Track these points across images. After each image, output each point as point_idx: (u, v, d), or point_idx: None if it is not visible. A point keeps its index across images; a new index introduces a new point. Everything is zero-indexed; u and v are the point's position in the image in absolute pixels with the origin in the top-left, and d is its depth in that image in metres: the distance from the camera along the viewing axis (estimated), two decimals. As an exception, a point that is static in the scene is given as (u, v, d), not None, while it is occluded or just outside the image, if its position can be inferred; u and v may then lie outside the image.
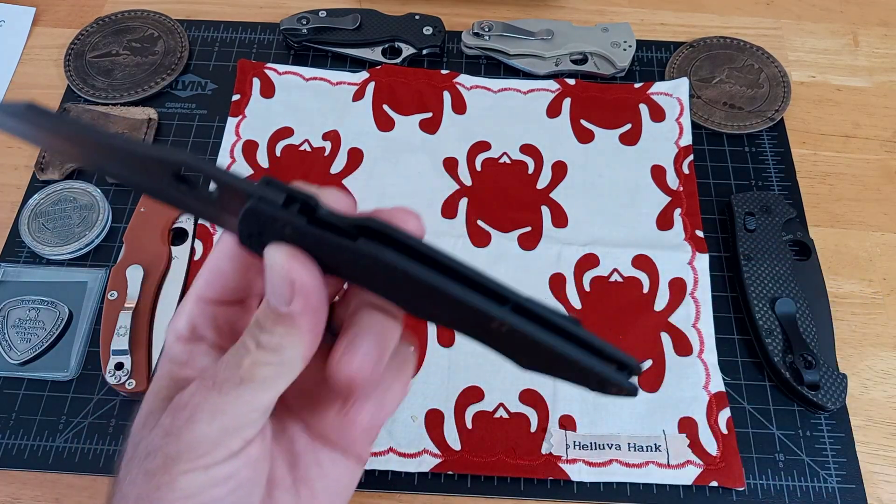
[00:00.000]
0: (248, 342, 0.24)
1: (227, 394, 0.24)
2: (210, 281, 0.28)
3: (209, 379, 0.25)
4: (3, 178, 0.54)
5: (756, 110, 0.57)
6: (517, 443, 0.44)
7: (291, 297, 0.23)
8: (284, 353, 0.24)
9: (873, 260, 0.51)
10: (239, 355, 0.24)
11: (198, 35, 0.61)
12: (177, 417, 0.25)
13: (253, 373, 0.24)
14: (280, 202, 0.22)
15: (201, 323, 0.28)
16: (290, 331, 0.24)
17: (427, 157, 0.54)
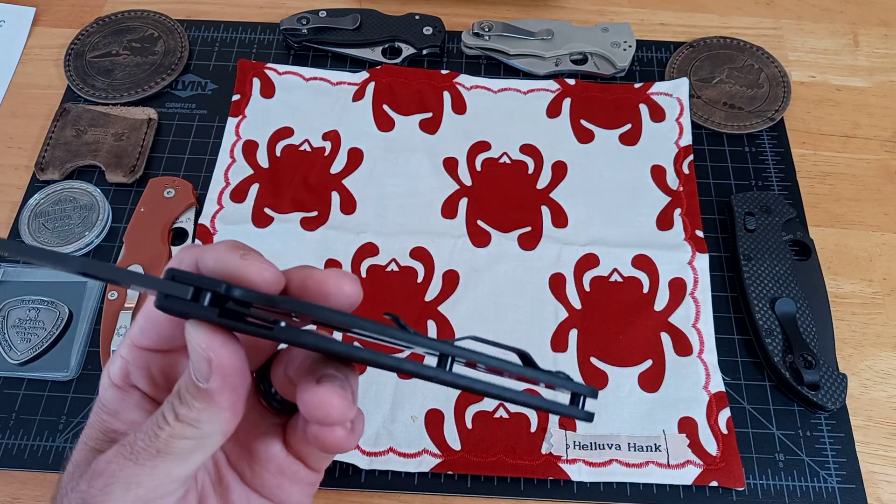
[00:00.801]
0: (167, 414, 0.24)
1: (142, 465, 0.24)
2: (144, 328, 0.27)
3: (127, 446, 0.24)
4: (3, 178, 0.54)
5: (756, 110, 0.57)
6: (517, 443, 0.44)
7: (209, 375, 0.23)
8: (202, 428, 0.24)
9: (873, 260, 0.51)
10: (157, 426, 0.24)
11: (198, 35, 0.61)
12: (92, 485, 0.24)
13: (170, 445, 0.24)
14: (188, 297, 0.21)
15: (134, 371, 0.27)
16: (209, 406, 0.23)
17: (427, 157, 0.54)
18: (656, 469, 0.43)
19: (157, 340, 0.27)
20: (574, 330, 0.48)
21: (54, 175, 0.53)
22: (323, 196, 0.52)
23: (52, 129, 0.55)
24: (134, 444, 0.24)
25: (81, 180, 0.53)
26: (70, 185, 0.52)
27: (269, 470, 0.28)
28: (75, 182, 0.52)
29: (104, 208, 0.51)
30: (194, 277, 0.22)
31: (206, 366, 0.23)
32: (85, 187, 0.52)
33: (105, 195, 0.52)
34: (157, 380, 0.28)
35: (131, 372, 0.27)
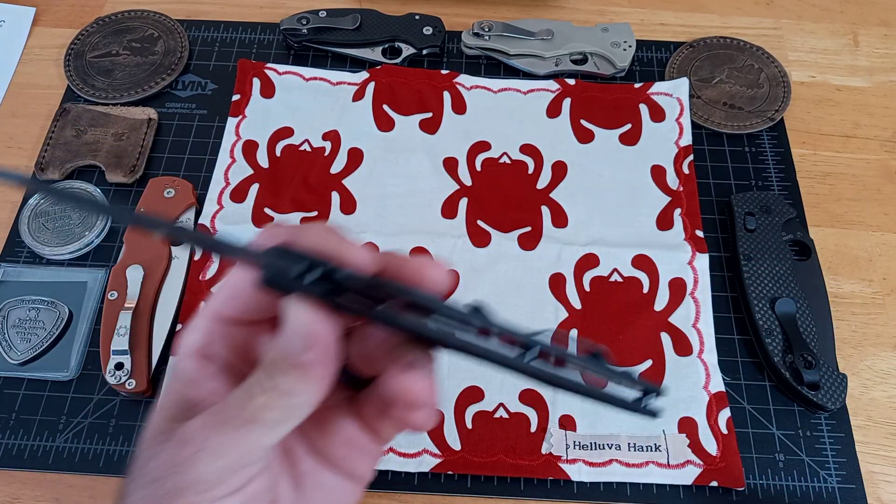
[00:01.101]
0: (259, 383, 0.24)
1: (232, 433, 0.24)
2: (228, 300, 0.27)
3: (215, 414, 0.25)
4: (3, 178, 0.54)
5: (756, 110, 0.57)
6: (517, 443, 0.44)
7: (307, 349, 0.23)
8: (294, 399, 0.24)
9: (873, 260, 0.51)
10: (248, 395, 0.24)
11: (198, 35, 0.61)
12: (181, 451, 0.25)
13: (260, 415, 0.24)
14: (294, 275, 0.23)
15: (215, 341, 0.28)
16: (303, 378, 0.24)
17: (427, 157, 0.54)
18: (656, 469, 0.43)
19: (240, 312, 0.27)
20: (574, 330, 0.48)
21: (54, 175, 0.53)
22: (323, 196, 0.52)
23: (52, 129, 0.55)
24: (223, 413, 0.24)
25: (81, 180, 0.53)
26: (70, 185, 0.52)
27: (337, 441, 0.29)
28: (75, 182, 0.52)
29: (104, 208, 0.51)
30: (304, 256, 0.23)
31: (304, 340, 0.23)
32: (85, 187, 0.52)
33: (105, 195, 0.52)
34: (237, 350, 0.28)
35: (212, 342, 0.28)
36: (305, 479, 0.29)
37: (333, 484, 0.29)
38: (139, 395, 0.45)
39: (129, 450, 0.44)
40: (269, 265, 0.23)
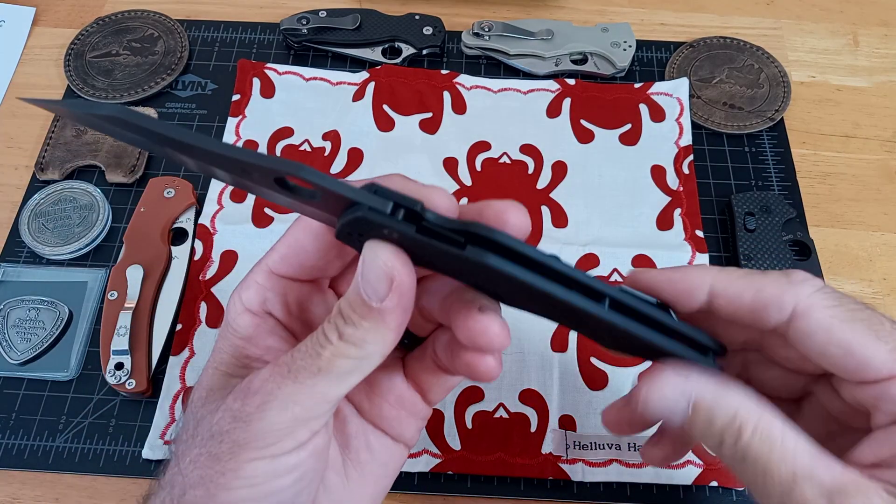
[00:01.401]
0: (330, 332, 0.24)
1: (302, 383, 0.24)
2: (287, 256, 0.27)
3: (284, 365, 0.24)
4: (3, 178, 0.54)
5: (756, 110, 0.57)
6: (517, 443, 0.44)
7: (387, 294, 0.23)
8: (366, 348, 0.24)
9: (873, 260, 0.52)
10: (319, 344, 0.24)
11: (198, 35, 0.61)
12: (247, 403, 0.24)
13: (332, 364, 0.24)
14: (388, 211, 0.22)
15: (271, 298, 0.28)
16: (378, 326, 0.24)
17: (427, 157, 0.54)
18: (656, 469, 0.43)
19: (298, 269, 0.27)
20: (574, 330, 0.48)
21: (54, 175, 0.53)
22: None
23: (52, 129, 0.55)
24: (293, 364, 0.24)
25: (81, 180, 0.53)
26: (70, 185, 0.52)
27: (388, 401, 0.29)
28: (75, 182, 0.52)
29: (104, 208, 0.51)
30: (395, 194, 0.22)
31: (385, 284, 0.23)
32: (85, 187, 0.52)
33: (105, 195, 0.52)
34: (292, 308, 0.28)
35: (268, 299, 0.27)
36: (353, 442, 0.29)
37: (380, 446, 0.29)
38: (139, 395, 0.45)
39: (129, 450, 0.44)
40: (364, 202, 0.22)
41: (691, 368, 0.26)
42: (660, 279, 0.27)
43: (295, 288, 0.28)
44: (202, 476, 0.24)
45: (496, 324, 0.25)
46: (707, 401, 0.25)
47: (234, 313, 0.28)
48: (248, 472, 0.24)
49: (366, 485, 0.29)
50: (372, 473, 0.29)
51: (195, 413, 0.26)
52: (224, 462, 0.24)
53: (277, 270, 0.28)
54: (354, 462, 0.29)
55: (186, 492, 0.25)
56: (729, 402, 0.25)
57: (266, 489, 0.24)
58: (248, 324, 0.27)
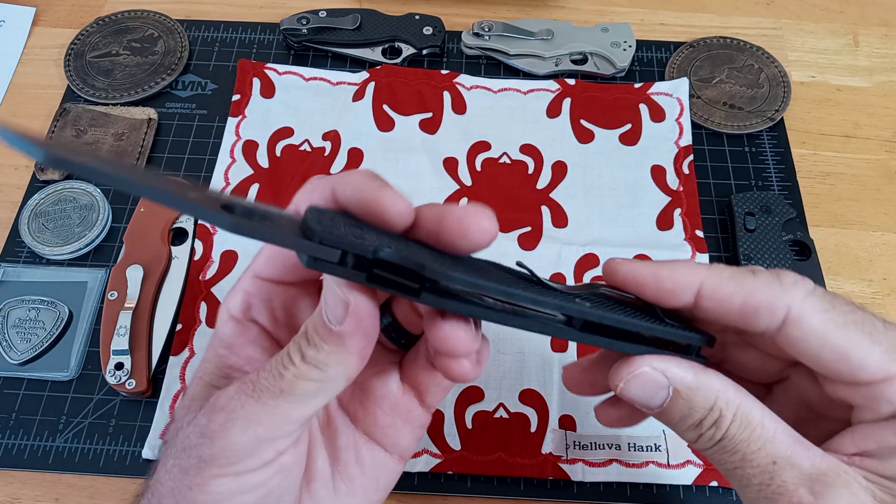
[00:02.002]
0: (294, 354, 0.24)
1: (264, 404, 0.24)
2: (270, 258, 0.27)
3: (249, 384, 0.24)
4: (3, 178, 0.54)
5: (756, 110, 0.57)
6: (517, 442, 0.44)
7: (344, 318, 0.23)
8: (328, 371, 0.24)
9: (873, 260, 0.51)
10: (282, 365, 0.24)
11: (198, 35, 0.61)
12: (212, 420, 0.24)
13: (294, 386, 0.24)
14: (335, 260, 0.22)
15: (256, 303, 0.27)
16: (338, 350, 0.23)
17: (427, 157, 0.54)
18: (656, 469, 0.43)
19: (282, 272, 0.27)
20: None
21: (54, 175, 0.53)
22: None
23: (52, 129, 0.55)
24: (257, 383, 0.24)
25: (81, 180, 0.53)
26: (70, 185, 0.52)
27: (383, 408, 0.29)
28: (75, 182, 0.52)
29: (104, 208, 0.51)
30: (343, 240, 0.21)
31: (342, 308, 0.23)
32: (85, 187, 0.52)
33: (105, 195, 0.52)
34: (278, 314, 0.28)
35: (252, 304, 0.27)
36: (343, 454, 0.29)
37: (371, 460, 0.29)
38: (139, 395, 0.45)
39: (129, 450, 0.44)
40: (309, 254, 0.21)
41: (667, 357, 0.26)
42: (644, 275, 0.26)
43: (281, 292, 0.28)
44: (172, 488, 0.25)
45: (459, 329, 0.24)
46: (687, 388, 0.25)
47: (219, 320, 0.28)
48: (212, 488, 0.24)
49: (355, 498, 0.29)
50: (362, 487, 0.29)
51: (177, 422, 0.26)
52: (191, 476, 0.24)
53: (262, 274, 0.27)
54: (344, 475, 0.29)
55: (161, 501, 0.25)
56: (708, 389, 0.25)
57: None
58: (231, 331, 0.27)
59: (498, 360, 0.46)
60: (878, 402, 0.25)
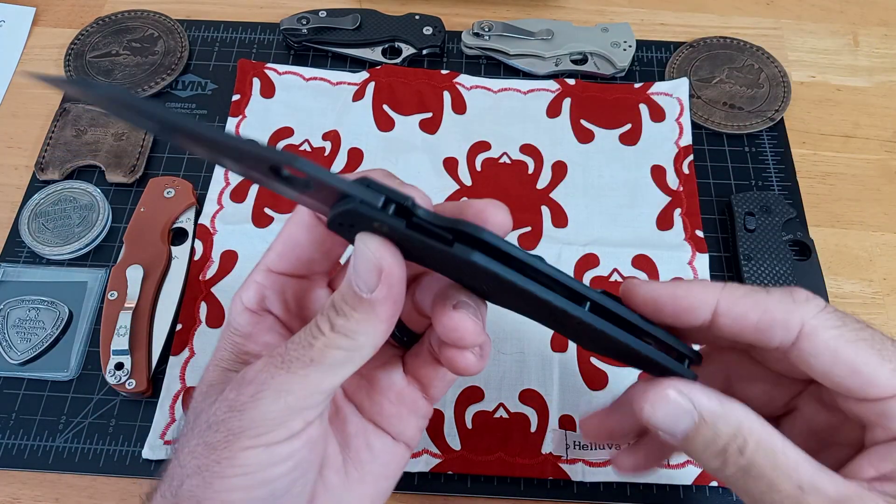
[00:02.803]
0: (323, 324, 0.24)
1: (294, 373, 0.24)
2: (283, 253, 0.28)
3: (278, 356, 0.25)
4: (3, 178, 0.54)
5: (756, 110, 0.57)
6: (517, 442, 0.44)
7: (376, 284, 0.23)
8: (358, 339, 0.24)
9: (873, 260, 0.51)
10: (311, 335, 0.25)
11: (198, 35, 0.61)
12: (241, 392, 0.25)
13: (324, 355, 0.24)
14: (379, 205, 0.23)
15: (269, 295, 0.28)
16: (368, 317, 0.24)
17: (427, 157, 0.54)
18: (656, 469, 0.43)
19: (295, 265, 0.28)
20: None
21: (54, 175, 0.53)
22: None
23: (52, 129, 0.55)
24: (286, 354, 0.25)
25: (81, 180, 0.53)
26: (70, 185, 0.52)
27: (389, 398, 0.30)
28: (75, 182, 0.52)
29: (104, 208, 0.51)
30: (387, 188, 0.23)
31: (375, 275, 0.23)
32: (85, 187, 0.52)
33: (105, 195, 0.52)
34: (290, 305, 0.29)
35: (266, 296, 0.28)
36: (353, 441, 0.29)
37: (381, 446, 0.30)
38: (139, 395, 0.45)
39: (129, 450, 0.44)
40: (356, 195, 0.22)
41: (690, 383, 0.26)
42: (663, 295, 0.27)
43: (292, 284, 0.29)
44: (199, 466, 0.25)
45: (468, 321, 0.25)
46: (711, 414, 0.25)
47: (234, 313, 0.28)
48: (242, 460, 0.24)
49: (366, 485, 0.29)
50: (372, 473, 0.29)
51: (195, 408, 0.27)
52: (219, 451, 0.24)
53: (275, 268, 0.28)
54: (355, 461, 0.29)
55: (184, 482, 0.25)
56: (732, 415, 0.25)
57: (260, 478, 0.25)
58: (246, 321, 0.28)
59: (498, 360, 0.46)
60: (890, 420, 0.25)
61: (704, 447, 0.26)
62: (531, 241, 0.51)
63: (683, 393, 0.26)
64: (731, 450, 0.25)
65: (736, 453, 0.25)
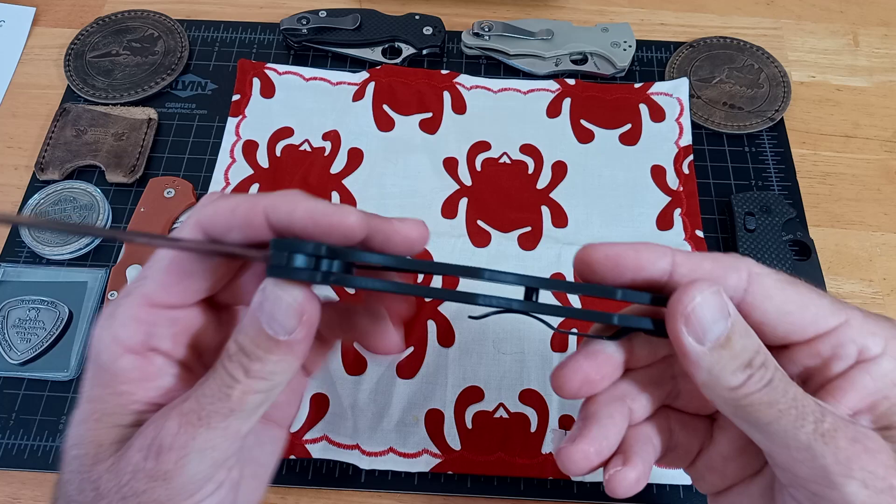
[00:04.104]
0: (235, 371, 0.24)
1: (215, 428, 0.23)
2: (166, 284, 0.25)
3: (192, 414, 0.24)
4: (3, 178, 0.54)
5: (756, 110, 0.57)
6: (517, 442, 0.44)
7: (296, 328, 0.23)
8: (275, 378, 0.24)
9: (873, 260, 0.52)
10: (226, 385, 0.24)
11: (198, 35, 0.61)
12: (161, 461, 0.23)
13: (243, 402, 0.24)
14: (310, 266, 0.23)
15: (156, 331, 0.25)
16: (286, 358, 0.24)
17: (427, 157, 0.54)
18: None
19: (182, 295, 0.25)
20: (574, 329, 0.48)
21: (54, 175, 0.53)
22: (323, 196, 0.52)
23: (52, 129, 0.55)
24: (201, 411, 0.23)
25: (81, 180, 0.53)
26: (70, 185, 0.52)
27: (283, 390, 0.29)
28: (75, 182, 0.52)
29: (104, 208, 0.51)
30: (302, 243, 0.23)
31: (295, 320, 0.23)
32: (85, 187, 0.52)
33: (105, 195, 0.52)
34: (180, 338, 0.26)
35: (152, 333, 0.25)
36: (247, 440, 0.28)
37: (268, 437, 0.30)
38: (139, 395, 0.45)
39: (129, 450, 0.44)
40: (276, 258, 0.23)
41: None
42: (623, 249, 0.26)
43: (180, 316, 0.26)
44: None
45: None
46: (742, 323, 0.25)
47: (109, 355, 0.25)
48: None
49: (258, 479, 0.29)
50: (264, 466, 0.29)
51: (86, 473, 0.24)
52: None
53: (160, 301, 0.25)
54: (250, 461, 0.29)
55: None
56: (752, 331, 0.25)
57: None
58: (132, 366, 0.25)
59: (498, 360, 0.46)
60: (844, 347, 0.25)
61: (733, 357, 0.24)
62: (531, 241, 0.51)
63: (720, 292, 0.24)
64: (757, 363, 0.24)
65: (761, 367, 0.24)
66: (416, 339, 0.47)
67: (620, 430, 0.28)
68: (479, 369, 0.46)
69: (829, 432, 0.23)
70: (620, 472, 0.27)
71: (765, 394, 0.24)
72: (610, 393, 0.28)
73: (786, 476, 0.25)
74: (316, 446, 0.43)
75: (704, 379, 0.24)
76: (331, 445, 0.43)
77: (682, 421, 0.30)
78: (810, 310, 0.25)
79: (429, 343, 0.47)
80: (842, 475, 0.23)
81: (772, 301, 0.25)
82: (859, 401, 0.25)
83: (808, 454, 0.23)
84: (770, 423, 0.24)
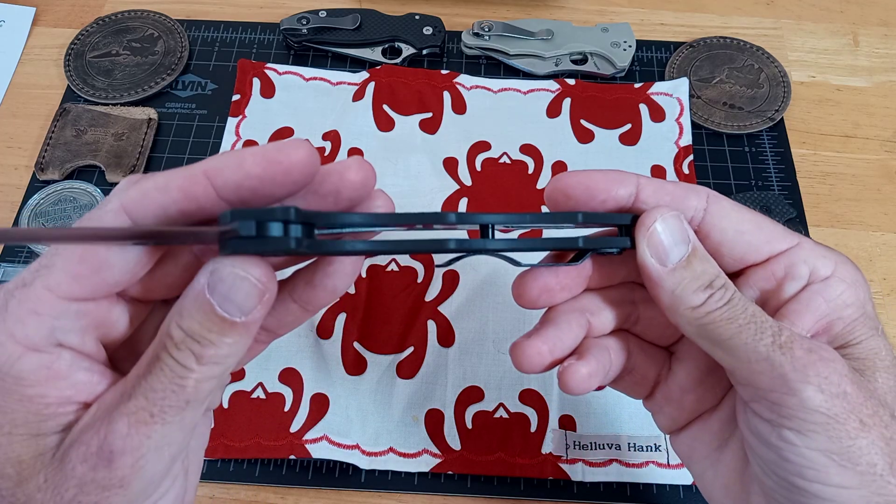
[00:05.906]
0: (187, 360, 0.22)
1: (171, 422, 0.22)
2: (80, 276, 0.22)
3: (143, 412, 0.22)
4: (3, 178, 0.54)
5: (756, 110, 0.57)
6: (517, 442, 0.44)
7: (255, 307, 0.22)
8: (229, 361, 0.23)
9: (873, 260, 0.52)
10: (178, 376, 0.22)
11: (198, 35, 0.61)
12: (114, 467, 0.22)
13: (198, 391, 0.22)
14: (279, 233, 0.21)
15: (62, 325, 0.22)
16: (241, 339, 0.22)
17: (427, 157, 0.54)
18: (656, 469, 0.43)
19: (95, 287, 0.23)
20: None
21: (54, 175, 0.53)
22: (323, 196, 0.52)
23: (52, 129, 0.55)
24: (153, 407, 0.22)
25: (81, 180, 0.53)
26: (70, 185, 0.52)
27: None
28: (75, 182, 0.52)
29: (104, 208, 0.51)
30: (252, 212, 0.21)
31: (256, 299, 0.22)
32: (85, 187, 0.52)
33: (105, 195, 0.52)
34: (89, 332, 0.23)
35: (57, 328, 0.22)
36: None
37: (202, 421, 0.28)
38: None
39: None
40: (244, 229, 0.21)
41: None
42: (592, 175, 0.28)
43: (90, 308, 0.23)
44: None
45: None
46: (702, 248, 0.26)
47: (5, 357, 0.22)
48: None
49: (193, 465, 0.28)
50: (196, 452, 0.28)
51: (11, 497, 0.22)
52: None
53: (69, 294, 0.22)
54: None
55: None
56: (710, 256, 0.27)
57: None
58: (37, 365, 0.22)
59: (498, 360, 0.46)
60: (796, 267, 0.27)
61: (694, 278, 0.26)
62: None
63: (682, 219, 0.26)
64: (717, 283, 0.26)
65: (721, 288, 0.26)
66: (416, 339, 0.47)
67: (577, 336, 0.29)
68: (478, 369, 0.46)
69: (787, 343, 0.25)
70: (573, 365, 0.28)
71: (725, 311, 0.25)
72: (570, 304, 0.30)
73: (747, 392, 0.26)
74: (316, 446, 0.43)
75: (668, 300, 0.26)
76: (331, 445, 0.43)
77: (640, 346, 0.31)
78: (764, 231, 0.27)
79: (429, 343, 0.47)
80: (799, 381, 0.24)
81: (729, 220, 0.27)
82: (815, 322, 0.27)
83: (768, 364, 0.25)
84: (731, 337, 0.25)
